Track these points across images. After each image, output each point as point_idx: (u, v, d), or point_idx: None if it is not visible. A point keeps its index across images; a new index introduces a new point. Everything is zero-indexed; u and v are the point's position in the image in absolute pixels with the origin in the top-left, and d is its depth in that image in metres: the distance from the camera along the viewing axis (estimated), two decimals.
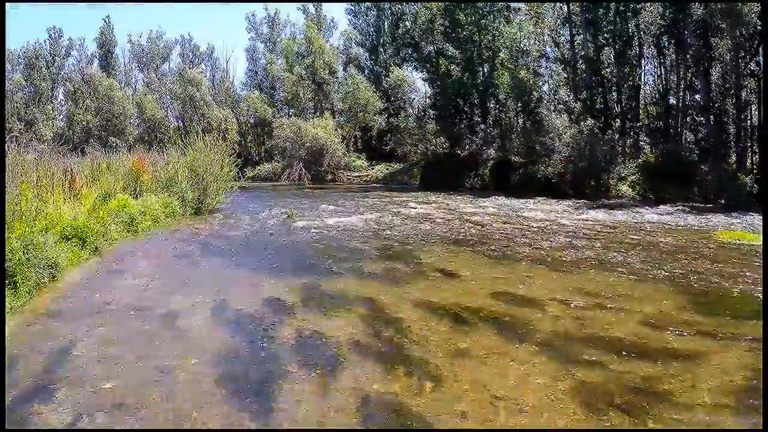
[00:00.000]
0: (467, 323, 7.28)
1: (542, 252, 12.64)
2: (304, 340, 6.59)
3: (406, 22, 44.27)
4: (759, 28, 29.44)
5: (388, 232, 15.37)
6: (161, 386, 5.31)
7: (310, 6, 53.41)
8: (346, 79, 46.95)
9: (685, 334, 6.96)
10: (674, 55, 33.48)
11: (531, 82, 34.29)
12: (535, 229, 16.32)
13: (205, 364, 5.86)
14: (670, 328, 7.13)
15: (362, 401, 5.09)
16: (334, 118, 45.41)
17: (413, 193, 30.39)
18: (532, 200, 26.21)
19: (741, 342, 6.71)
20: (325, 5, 54.34)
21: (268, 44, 57.08)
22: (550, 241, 14.14)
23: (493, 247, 13.13)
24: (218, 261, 11.33)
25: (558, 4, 36.06)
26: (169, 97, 56.92)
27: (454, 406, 5.00)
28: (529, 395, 5.25)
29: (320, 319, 7.37)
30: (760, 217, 21.83)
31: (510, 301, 8.32)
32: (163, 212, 16.39)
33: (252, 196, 26.91)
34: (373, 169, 43.07)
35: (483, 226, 16.86)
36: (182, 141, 21.08)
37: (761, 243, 14.56)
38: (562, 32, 36.49)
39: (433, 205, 23.67)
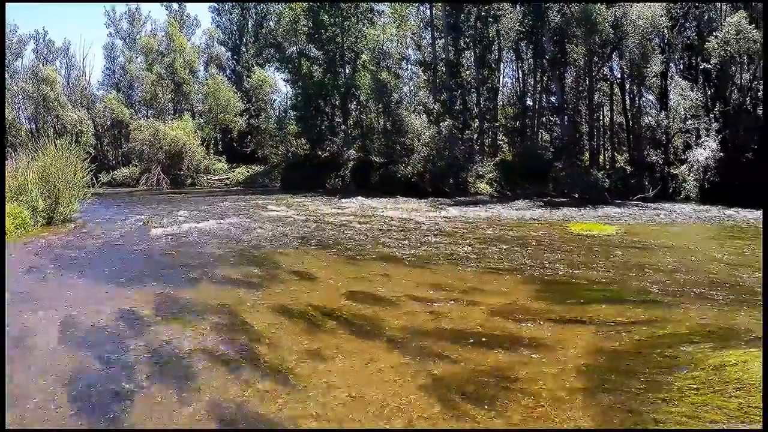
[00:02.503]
0: (321, 325, 7.31)
1: (399, 250, 12.75)
2: (158, 352, 6.39)
3: (270, 22, 43.09)
4: (611, 35, 31.03)
5: (246, 236, 15.23)
6: (10, 412, 4.97)
7: (174, 3, 50.91)
8: (206, 79, 44.92)
9: (535, 322, 7.21)
10: (532, 60, 34.60)
11: (392, 84, 34.18)
12: (394, 228, 16.58)
13: (56, 383, 5.57)
14: (522, 318, 7.36)
15: (217, 410, 5.02)
16: (193, 119, 43.25)
17: (274, 196, 29.58)
18: (392, 200, 26.26)
19: (588, 326, 7.06)
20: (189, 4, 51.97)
21: (127, 41, 53.58)
22: (408, 240, 14.33)
23: (350, 248, 13.21)
24: (70, 273, 10.77)
25: (421, 8, 36.38)
26: (21, 96, 51.90)
27: (309, 409, 4.95)
28: (384, 392, 5.27)
29: (174, 329, 7.19)
30: (611, 209, 22.95)
31: (365, 300, 8.35)
32: (12, 224, 15.20)
33: (108, 204, 25.44)
34: (233, 171, 41.31)
35: (342, 227, 16.91)
36: (33, 145, 19.76)
37: (609, 233, 15.20)
38: (424, 35, 36.81)
39: (293, 207, 23.30)
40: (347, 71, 36.85)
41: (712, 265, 11.78)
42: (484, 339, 6.58)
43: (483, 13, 33.85)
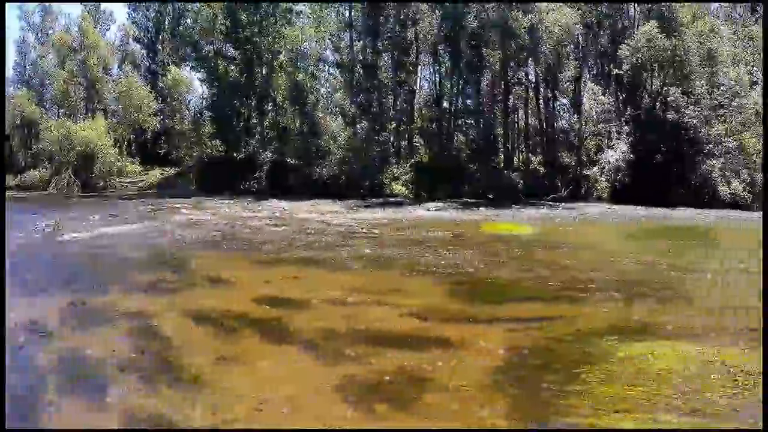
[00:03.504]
0: (235, 329, 7.14)
1: (314, 253, 12.75)
2: (66, 363, 6.06)
3: (187, 20, 41.78)
4: (527, 41, 31.44)
5: (159, 241, 14.92)
6: None
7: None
8: (121, 78, 43.22)
9: (449, 322, 7.22)
10: (449, 63, 34.72)
11: (309, 85, 33.80)
12: (309, 231, 16.57)
13: None
14: (436, 318, 7.37)
15: (127, 420, 4.78)
16: (106, 119, 41.43)
17: (188, 199, 28.56)
18: (308, 202, 26.00)
19: (501, 324, 7.18)
20: None
21: (39, 36, 51.05)
22: (323, 242, 14.36)
23: (265, 251, 13.14)
24: None
25: (341, 9, 36.07)
26: None
27: (221, 415, 4.76)
28: (298, 394, 5.17)
29: (83, 339, 6.76)
30: (525, 210, 23.30)
31: (279, 304, 8.24)
32: None
33: (16, 208, 23.84)
34: (147, 174, 39.79)
35: (257, 230, 16.96)
36: None
37: (522, 233, 15.61)
38: (343, 37, 36.49)
39: (207, 210, 22.87)
40: (264, 72, 36.14)
41: (621, 262, 12.45)
42: (398, 340, 6.60)
43: (402, 16, 33.77)
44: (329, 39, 36.66)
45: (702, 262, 13.11)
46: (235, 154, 35.80)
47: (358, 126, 30.37)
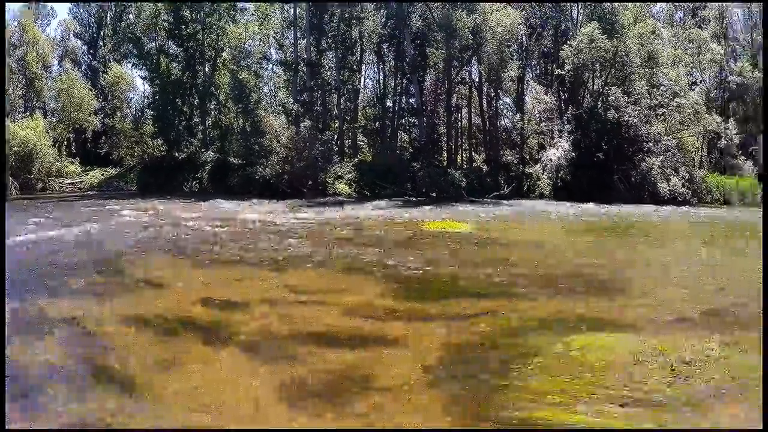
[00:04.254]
0: (173, 333, 6.99)
1: (254, 253, 12.57)
2: None
3: (130, 15, 40.93)
4: (471, 41, 31.62)
5: (98, 244, 14.43)
6: None
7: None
8: (60, 75, 42.03)
9: (388, 320, 7.19)
10: (393, 62, 34.70)
11: (252, 84, 33.41)
12: (250, 231, 16.44)
13: None
14: (375, 316, 7.32)
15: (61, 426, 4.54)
16: (45, 117, 40.25)
17: (129, 200, 27.88)
18: (250, 202, 25.77)
19: (439, 321, 7.15)
20: None
21: None
22: (264, 242, 14.16)
23: (204, 252, 12.81)
24: None
25: (285, 6, 35.77)
26: None
27: (160, 422, 4.59)
28: (238, 398, 5.12)
29: (16, 348, 6.31)
30: (467, 207, 23.42)
31: (218, 306, 8.11)
32: None
33: None
34: (87, 174, 38.70)
35: (197, 231, 16.36)
36: None
37: (464, 230, 15.95)
38: (287, 35, 36.22)
39: (148, 211, 22.16)
40: (207, 70, 35.60)
41: (560, 257, 12.77)
42: (337, 339, 6.57)
43: (346, 15, 33.66)
44: (273, 37, 36.28)
45: (639, 255, 13.52)
46: (176, 154, 35.17)
47: (301, 125, 30.05)
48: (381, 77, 35.73)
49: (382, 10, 33.57)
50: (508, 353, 6.05)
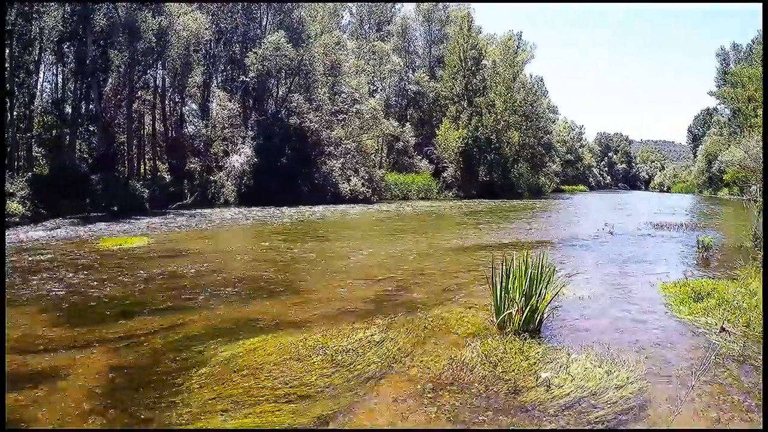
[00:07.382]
0: None
1: None
2: None
3: None
4: (155, 44, 30.97)
5: None
6: None
7: None
8: None
9: (48, 351, 6.64)
10: (74, 64, 32.57)
11: None
12: None
13: None
14: (35, 349, 6.70)
15: None
16: None
17: None
18: None
19: (104, 345, 6.77)
20: None
21: None
22: None
23: None
24: None
25: None
26: None
27: None
28: None
29: None
30: (149, 220, 22.65)
31: None
32: None
33: None
34: None
35: None
36: None
37: (140, 245, 15.26)
38: None
39: None
40: None
41: (237, 263, 12.90)
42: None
43: (26, 8, 30.66)
44: None
45: (319, 253, 14.38)
46: None
47: None
48: (60, 80, 33.00)
49: (66, 6, 30.83)
50: (173, 368, 6.02)
